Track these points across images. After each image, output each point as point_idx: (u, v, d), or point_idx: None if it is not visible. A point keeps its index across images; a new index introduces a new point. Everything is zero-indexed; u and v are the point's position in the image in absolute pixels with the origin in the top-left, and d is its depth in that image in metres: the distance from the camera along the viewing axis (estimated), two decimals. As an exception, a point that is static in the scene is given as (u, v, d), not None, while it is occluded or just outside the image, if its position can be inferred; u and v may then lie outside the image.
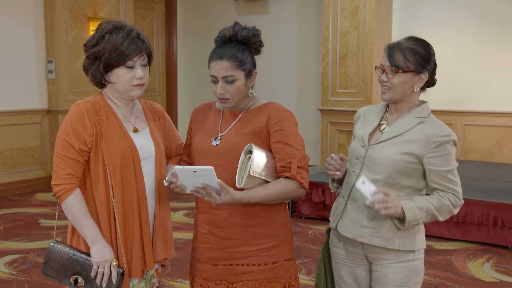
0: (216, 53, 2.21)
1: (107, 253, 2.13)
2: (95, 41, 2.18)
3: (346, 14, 7.43)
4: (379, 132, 2.29)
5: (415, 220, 2.13)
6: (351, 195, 2.27)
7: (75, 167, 2.16)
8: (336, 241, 2.37)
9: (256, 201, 2.16)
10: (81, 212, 2.14)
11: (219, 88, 2.20)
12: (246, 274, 2.23)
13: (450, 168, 2.18)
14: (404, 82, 2.19)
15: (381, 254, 2.23)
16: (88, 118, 2.16)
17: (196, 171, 2.02)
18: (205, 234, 2.29)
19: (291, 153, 2.19)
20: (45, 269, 2.24)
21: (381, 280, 2.24)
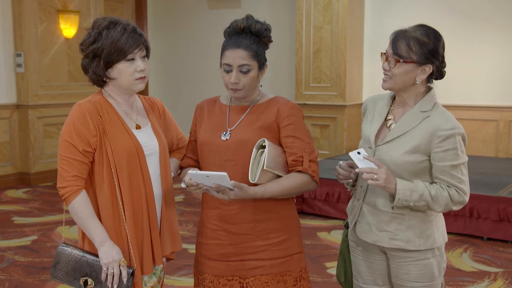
0: (232, 42, 2.20)
1: (115, 253, 2.12)
2: (92, 38, 2.16)
3: (319, 9, 7.47)
4: (386, 129, 2.22)
5: (405, 200, 2.07)
6: (365, 199, 2.24)
7: (81, 169, 2.14)
8: (354, 237, 2.34)
9: (270, 195, 2.16)
10: (88, 214, 2.12)
11: (233, 77, 2.18)
12: (258, 269, 2.23)
13: (453, 163, 2.09)
14: (406, 72, 2.10)
15: (402, 253, 2.20)
16: (91, 118, 2.14)
17: (209, 176, 2.02)
18: (215, 230, 2.27)
19: (302, 147, 2.21)
20: (54, 272, 2.22)
21: (403, 277, 2.22)
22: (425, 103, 2.16)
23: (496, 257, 4.70)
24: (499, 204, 5.02)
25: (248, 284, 2.24)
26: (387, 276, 2.30)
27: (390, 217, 2.17)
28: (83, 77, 8.70)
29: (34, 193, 6.96)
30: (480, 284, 4.13)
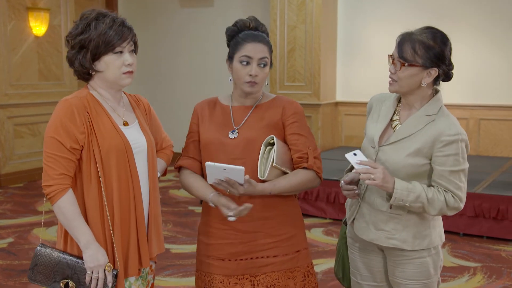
0: (251, 36, 2.23)
1: (100, 257, 2.06)
2: (80, 29, 2.10)
3: (293, 8, 7.51)
4: (390, 130, 2.22)
5: (401, 200, 2.08)
6: (365, 197, 2.25)
7: (68, 167, 2.06)
8: (352, 234, 2.37)
9: (278, 192, 2.19)
10: (74, 214, 2.05)
11: (254, 69, 2.19)
12: (269, 266, 2.25)
13: (453, 169, 2.10)
14: (411, 76, 2.10)
15: (398, 251, 2.22)
16: (78, 114, 2.07)
17: (226, 169, 2.03)
18: (223, 230, 2.27)
19: (306, 144, 2.26)
20: (32, 274, 2.14)
21: (400, 275, 2.24)
22: (430, 107, 2.17)
23: (473, 252, 4.81)
24: (474, 201, 5.13)
25: (259, 282, 2.25)
26: (385, 273, 2.33)
27: (388, 217, 2.19)
28: (54, 76, 8.55)
29: (5, 194, 6.81)
30: (461, 279, 4.23)
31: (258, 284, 2.25)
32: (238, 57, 2.21)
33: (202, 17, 8.59)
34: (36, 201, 6.48)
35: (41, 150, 7.34)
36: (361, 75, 7.91)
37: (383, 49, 7.78)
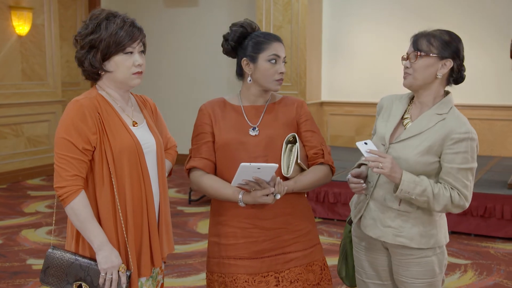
0: (273, 35, 2.32)
1: (114, 258, 2.05)
2: (90, 29, 2.09)
3: (279, 8, 7.53)
4: (401, 127, 2.25)
5: (407, 192, 2.10)
6: (373, 194, 2.27)
7: (80, 168, 2.05)
8: (358, 232, 2.39)
9: (299, 189, 2.26)
10: (88, 215, 2.04)
11: (283, 67, 2.28)
12: (292, 261, 2.30)
13: (461, 167, 2.12)
14: (427, 66, 2.14)
15: (403, 250, 2.24)
16: (89, 115, 2.06)
17: (260, 168, 2.06)
18: (246, 229, 2.28)
19: (320, 140, 2.34)
20: (44, 277, 2.12)
21: (405, 274, 2.26)
22: (442, 106, 2.21)
23: (462, 249, 4.88)
24: (463, 199, 5.20)
25: (283, 278, 2.28)
26: (390, 272, 2.35)
27: (396, 214, 2.21)
28: (37, 76, 8.45)
29: (-11, 196, 6.72)
30: (453, 276, 4.29)
31: (283, 280, 2.28)
32: (266, 56, 2.26)
33: (187, 17, 8.57)
34: (22, 203, 6.40)
35: (24, 151, 7.33)
36: (346, 75, 7.98)
37: (368, 49, 7.89)
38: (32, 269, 4.37)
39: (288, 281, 2.28)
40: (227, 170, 2.28)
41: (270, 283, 2.27)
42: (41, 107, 7.76)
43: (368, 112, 7.87)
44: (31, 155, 7.72)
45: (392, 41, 7.66)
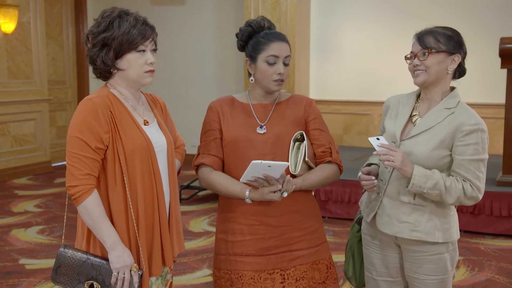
0: (274, 35, 2.27)
1: (126, 258, 2.05)
2: (102, 27, 2.08)
3: (267, 7, 7.54)
4: (411, 124, 2.28)
5: (419, 186, 2.12)
6: (386, 191, 2.28)
7: (93, 167, 2.04)
8: (370, 231, 2.40)
9: (307, 187, 2.27)
10: (100, 215, 2.04)
11: (282, 68, 2.25)
12: (298, 259, 2.30)
13: (473, 158, 2.15)
14: (438, 62, 2.18)
15: (417, 246, 2.25)
16: (102, 114, 2.05)
17: (271, 165, 2.07)
18: (253, 226, 2.28)
19: (328, 139, 2.35)
20: (55, 276, 2.11)
21: (417, 271, 2.28)
22: (450, 100, 2.24)
23: (453, 246, 4.93)
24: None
25: (289, 275, 2.29)
26: (400, 269, 2.37)
27: (411, 209, 2.23)
28: (23, 74, 8.38)
29: (-24, 196, 6.63)
30: (446, 272, 4.33)
31: (288, 278, 2.29)
32: (264, 57, 2.24)
33: (174, 15, 8.54)
34: (10, 202, 6.33)
35: (10, 150, 7.27)
36: (334, 74, 8.02)
37: (356, 47, 7.94)
38: (25, 268, 4.33)
39: (294, 279, 2.29)
40: (234, 167, 2.29)
41: (276, 280, 2.28)
42: (27, 105, 7.68)
43: (356, 111, 7.92)
44: (18, 154, 7.64)
45: (380, 40, 7.72)
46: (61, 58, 8.65)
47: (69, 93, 8.82)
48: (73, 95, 8.87)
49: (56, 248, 4.77)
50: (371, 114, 7.83)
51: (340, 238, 5.11)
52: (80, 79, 8.89)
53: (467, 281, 4.14)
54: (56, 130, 8.65)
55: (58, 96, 8.65)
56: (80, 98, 8.90)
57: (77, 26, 8.81)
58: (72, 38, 8.78)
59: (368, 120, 7.92)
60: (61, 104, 8.72)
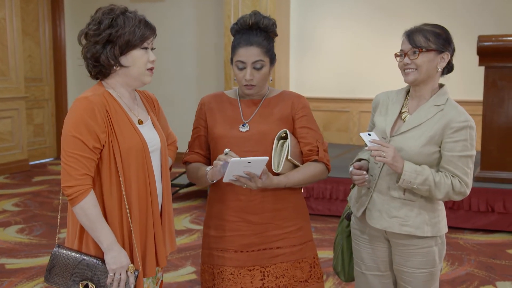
0: (244, 40, 2.24)
1: (123, 258, 2.04)
2: (106, 24, 2.06)
3: (247, 4, 7.53)
4: (400, 121, 2.31)
5: (409, 182, 2.16)
6: (377, 186, 2.31)
7: (90, 166, 2.01)
8: (359, 225, 2.43)
9: (292, 184, 2.25)
10: (97, 215, 2.02)
11: (248, 74, 2.22)
12: (278, 257, 2.31)
13: (462, 154, 2.20)
14: (429, 61, 2.22)
15: (407, 240, 2.29)
16: (99, 113, 2.03)
17: (251, 161, 2.05)
18: (235, 222, 2.30)
19: (316, 137, 2.33)
20: (49, 276, 2.09)
21: (406, 264, 2.31)
22: (439, 98, 2.28)
23: (433, 241, 5.00)
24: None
25: (269, 273, 2.30)
26: (389, 263, 2.41)
27: (401, 204, 2.27)
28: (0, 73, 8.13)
29: (-48, 195, 6.52)
30: (427, 267, 4.39)
31: (268, 275, 2.30)
32: (234, 62, 2.26)
33: (153, 12, 8.47)
34: (-13, 201, 6.25)
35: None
36: (313, 71, 8.05)
37: (336, 45, 7.98)
38: (5, 268, 4.27)
39: (274, 276, 2.30)
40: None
41: (256, 277, 2.29)
42: (3, 103, 7.56)
43: (335, 108, 7.97)
44: (-6, 153, 7.54)
45: (359, 37, 7.78)
46: (37, 55, 8.53)
47: (46, 90, 8.72)
48: (50, 93, 8.76)
49: (36, 248, 4.72)
50: (351, 111, 7.89)
51: (322, 235, 5.14)
52: (57, 76, 8.79)
53: (448, 275, 4.20)
54: (33, 128, 8.54)
55: (35, 94, 8.54)
56: (57, 96, 8.80)
57: (53, 22, 8.70)
58: (48, 34, 8.68)
59: (348, 117, 7.97)
60: (38, 102, 8.61)
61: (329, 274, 4.11)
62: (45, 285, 3.94)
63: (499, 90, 5.33)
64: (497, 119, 5.37)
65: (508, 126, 5.35)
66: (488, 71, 5.37)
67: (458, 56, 2.40)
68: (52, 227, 5.24)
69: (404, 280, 2.35)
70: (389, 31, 7.44)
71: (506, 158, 5.39)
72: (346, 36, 7.80)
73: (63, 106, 8.81)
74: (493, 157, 5.42)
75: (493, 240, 5.05)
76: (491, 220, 5.23)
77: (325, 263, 4.26)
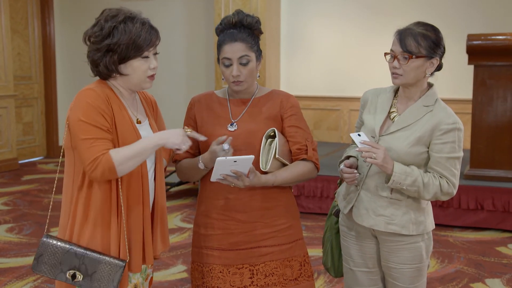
0: (228, 36, 2.25)
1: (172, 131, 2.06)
2: (107, 32, 2.04)
3: (238, 3, 7.53)
4: (389, 121, 2.32)
5: (399, 183, 2.18)
6: (364, 185, 2.32)
7: (108, 145, 2.00)
8: (347, 222, 2.44)
9: (280, 183, 2.26)
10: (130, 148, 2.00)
11: (235, 70, 2.23)
12: (267, 255, 2.31)
13: (450, 156, 2.22)
14: (417, 67, 2.22)
15: (394, 237, 2.31)
16: (105, 103, 2.04)
17: (237, 160, 2.06)
18: (223, 220, 2.30)
19: (305, 136, 2.34)
20: (37, 265, 2.08)
21: (394, 260, 2.33)
22: (428, 98, 2.29)
23: (423, 238, 5.03)
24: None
25: (258, 271, 2.31)
26: (377, 259, 2.42)
27: (387, 203, 2.29)
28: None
29: None
30: (417, 264, 4.41)
31: (257, 273, 2.30)
32: (221, 60, 2.27)
33: (142, 10, 8.38)
34: (-24, 200, 6.21)
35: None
36: (304, 69, 8.06)
37: (326, 43, 7.99)
38: (-5, 267, 4.26)
39: (263, 275, 2.31)
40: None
41: (245, 275, 2.30)
42: (-8, 101, 7.53)
43: (326, 106, 7.99)
44: (-17, 151, 7.49)
45: (349, 36, 7.80)
46: (26, 53, 8.48)
47: (35, 88, 8.67)
48: (39, 91, 8.72)
49: (26, 247, 4.70)
50: (341, 110, 7.91)
51: (312, 233, 5.16)
52: (46, 74, 8.74)
53: (438, 273, 4.23)
54: (22, 127, 8.49)
55: (24, 92, 8.49)
56: (47, 94, 8.76)
57: (43, 20, 8.65)
58: (38, 32, 8.63)
59: (338, 115, 7.99)
60: (27, 100, 8.56)
61: (320, 272, 4.12)
62: (34, 284, 3.93)
63: (488, 88, 5.36)
64: (486, 117, 5.41)
65: (496, 125, 5.39)
66: (477, 70, 5.40)
67: (447, 55, 2.41)
68: (42, 226, 5.22)
69: (392, 276, 2.37)
70: (379, 29, 7.46)
71: (495, 156, 5.43)
72: (336, 35, 7.82)
73: (52, 105, 8.76)
74: (482, 155, 5.46)
75: (483, 237, 5.09)
76: (480, 217, 5.27)
77: (315, 261, 4.27)
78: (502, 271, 4.27)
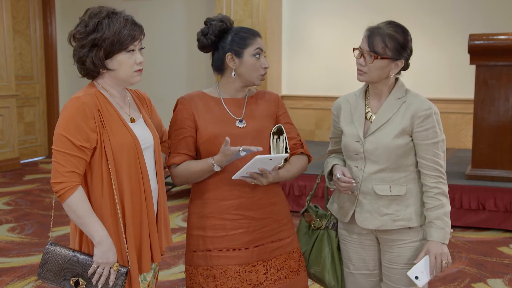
0: (251, 31, 2.34)
1: (111, 255, 2.07)
2: (91, 27, 2.08)
3: (239, 2, 7.53)
4: (368, 122, 2.35)
5: (448, 233, 2.27)
6: (361, 189, 2.33)
7: (77, 164, 2.05)
8: (345, 226, 2.44)
9: (289, 178, 2.36)
10: (85, 211, 2.05)
11: (266, 61, 2.33)
12: (278, 250, 2.38)
13: (434, 141, 2.27)
14: (381, 68, 2.26)
15: (397, 235, 2.32)
16: (90, 113, 2.07)
17: (272, 158, 2.13)
18: (237, 220, 2.31)
19: (296, 132, 2.45)
20: (41, 272, 2.13)
21: (395, 260, 2.34)
22: (398, 91, 2.34)
23: (425, 238, 5.03)
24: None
25: (271, 266, 2.35)
26: (378, 261, 2.44)
27: (389, 200, 2.30)
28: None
29: None
30: (418, 264, 4.42)
31: (271, 268, 2.35)
32: (252, 51, 2.28)
33: (143, 10, 8.46)
34: (-23, 200, 6.22)
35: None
36: (305, 69, 8.06)
37: (327, 43, 8.00)
38: (-3, 267, 4.26)
39: (275, 269, 2.36)
40: None
41: (259, 272, 2.33)
42: (-6, 101, 7.54)
43: (327, 106, 7.98)
44: (-16, 151, 7.50)
45: (350, 36, 7.78)
46: (28, 53, 8.49)
47: (37, 88, 8.68)
48: (41, 91, 8.72)
49: (28, 246, 4.70)
50: (342, 109, 7.91)
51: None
52: (48, 74, 8.75)
53: (439, 273, 4.22)
54: (24, 126, 8.50)
55: (26, 92, 8.50)
56: (48, 94, 8.76)
57: (44, 20, 8.66)
58: (39, 32, 8.63)
59: (339, 115, 7.98)
60: (29, 100, 8.57)
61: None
62: (36, 284, 3.94)
63: (490, 88, 5.36)
64: (488, 117, 5.40)
65: (498, 125, 5.39)
66: (479, 70, 5.40)
67: (449, 55, 2.43)
68: (44, 225, 5.23)
69: (392, 278, 2.37)
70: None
71: (497, 156, 5.42)
72: (337, 35, 7.81)
73: (54, 104, 8.77)
74: (484, 155, 5.45)
75: (484, 237, 5.08)
76: (482, 218, 5.27)
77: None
78: (504, 271, 4.27)
